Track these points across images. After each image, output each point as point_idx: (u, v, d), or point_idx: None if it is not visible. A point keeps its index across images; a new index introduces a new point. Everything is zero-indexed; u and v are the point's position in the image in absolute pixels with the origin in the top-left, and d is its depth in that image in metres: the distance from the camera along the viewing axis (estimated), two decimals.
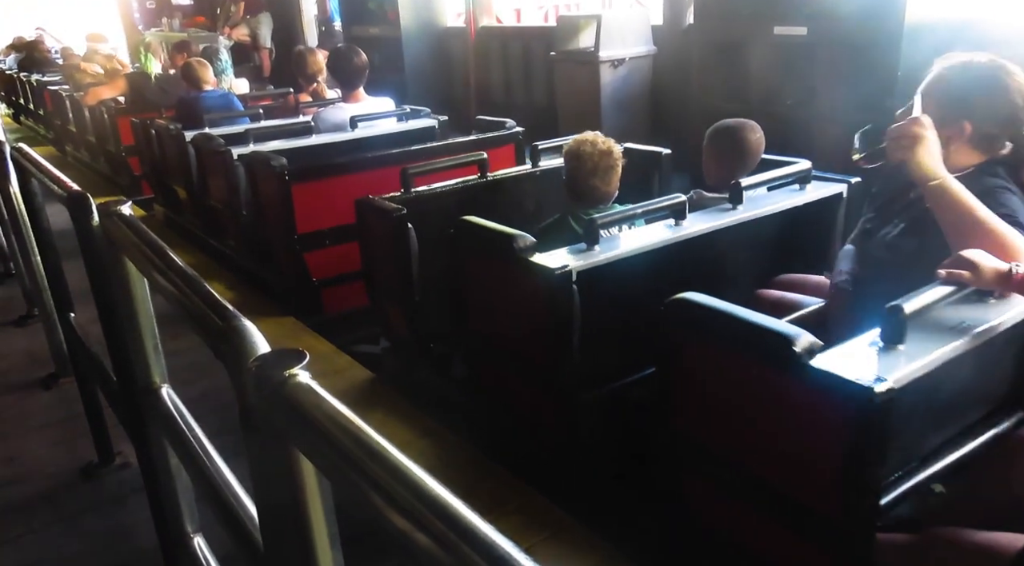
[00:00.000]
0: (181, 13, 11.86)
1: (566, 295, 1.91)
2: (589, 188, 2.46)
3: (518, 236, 2.00)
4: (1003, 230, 1.57)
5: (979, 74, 1.87)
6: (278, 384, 0.78)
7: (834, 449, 1.30)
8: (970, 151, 1.83)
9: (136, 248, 1.35)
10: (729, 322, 1.47)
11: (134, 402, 1.61)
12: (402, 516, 0.61)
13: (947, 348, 1.40)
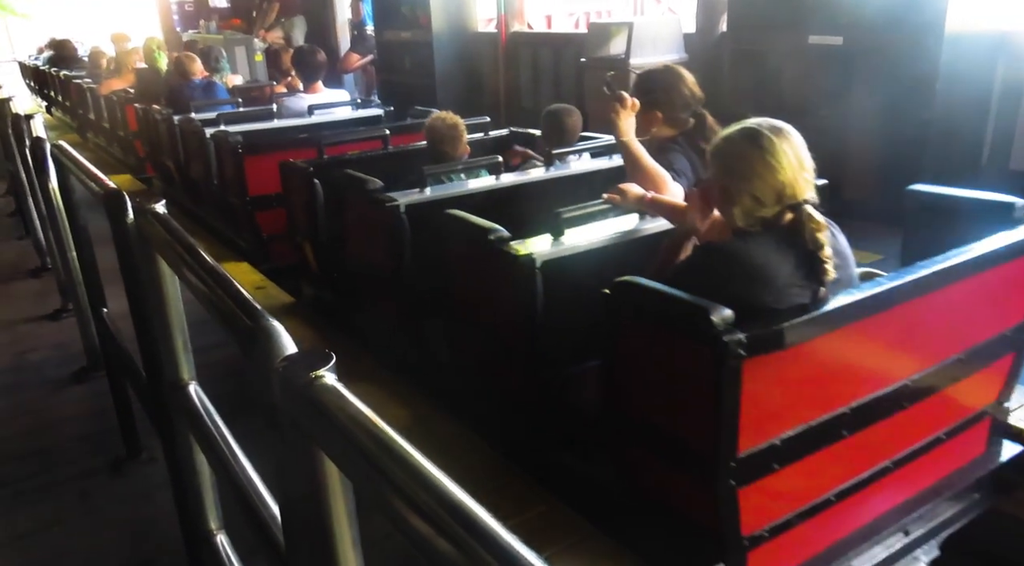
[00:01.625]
0: (218, 15, 12.07)
1: (531, 281, 2.15)
2: (440, 152, 3.23)
3: (492, 228, 2.25)
4: (659, 173, 2.40)
5: (660, 78, 2.69)
6: (304, 385, 0.78)
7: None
8: (667, 128, 2.66)
9: (168, 246, 1.37)
10: (653, 297, 1.72)
11: (162, 398, 1.64)
12: (423, 520, 0.61)
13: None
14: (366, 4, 9.14)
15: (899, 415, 1.97)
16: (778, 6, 4.67)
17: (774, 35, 4.70)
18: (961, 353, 2.07)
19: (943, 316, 2.00)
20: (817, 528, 1.97)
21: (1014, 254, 2.05)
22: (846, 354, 1.83)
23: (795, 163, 1.78)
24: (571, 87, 6.93)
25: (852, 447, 1.91)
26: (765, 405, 1.68)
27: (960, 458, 2.28)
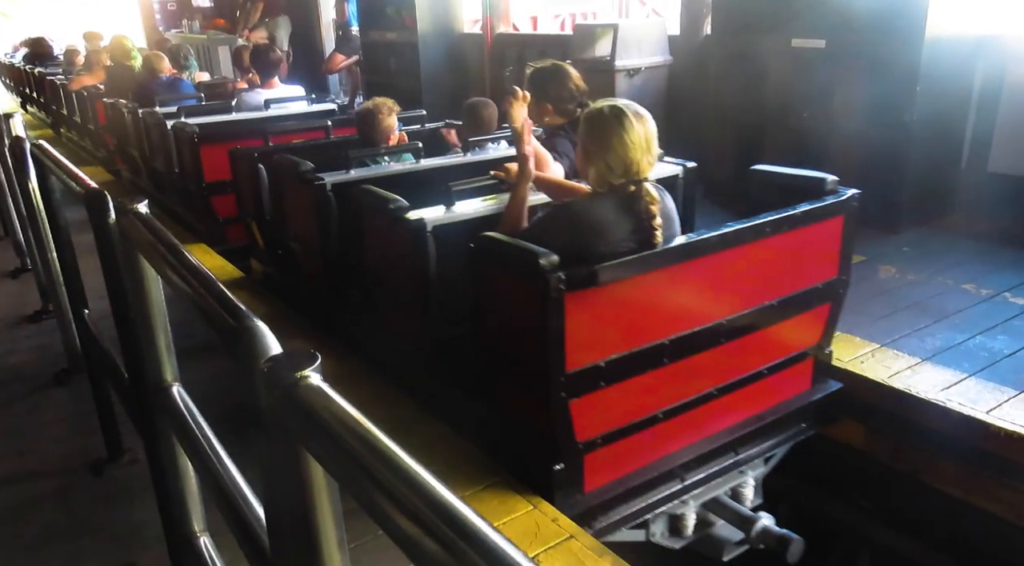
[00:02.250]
0: (201, 15, 11.98)
1: (423, 243, 2.50)
2: (367, 138, 3.60)
3: (392, 199, 2.61)
4: (542, 154, 2.70)
5: (550, 74, 3.02)
6: (289, 385, 0.78)
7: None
8: (557, 117, 3.02)
9: (151, 247, 1.35)
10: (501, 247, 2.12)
11: (145, 400, 1.62)
12: (410, 521, 0.61)
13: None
14: (351, 4, 9.10)
15: (719, 349, 2.38)
16: (761, 9, 4.70)
17: (758, 38, 4.73)
18: (774, 301, 2.48)
19: (753, 268, 2.43)
20: (648, 440, 2.38)
21: (815, 219, 2.53)
22: (660, 294, 2.24)
23: (644, 146, 2.14)
24: None
25: (675, 373, 2.31)
26: (588, 332, 2.08)
27: (786, 391, 2.72)
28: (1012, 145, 4.31)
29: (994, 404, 2.56)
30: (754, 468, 2.71)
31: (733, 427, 2.57)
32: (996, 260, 3.84)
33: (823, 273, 2.63)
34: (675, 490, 2.46)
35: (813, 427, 2.82)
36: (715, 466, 2.54)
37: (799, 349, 2.69)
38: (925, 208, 4.40)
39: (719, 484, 2.60)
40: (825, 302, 2.68)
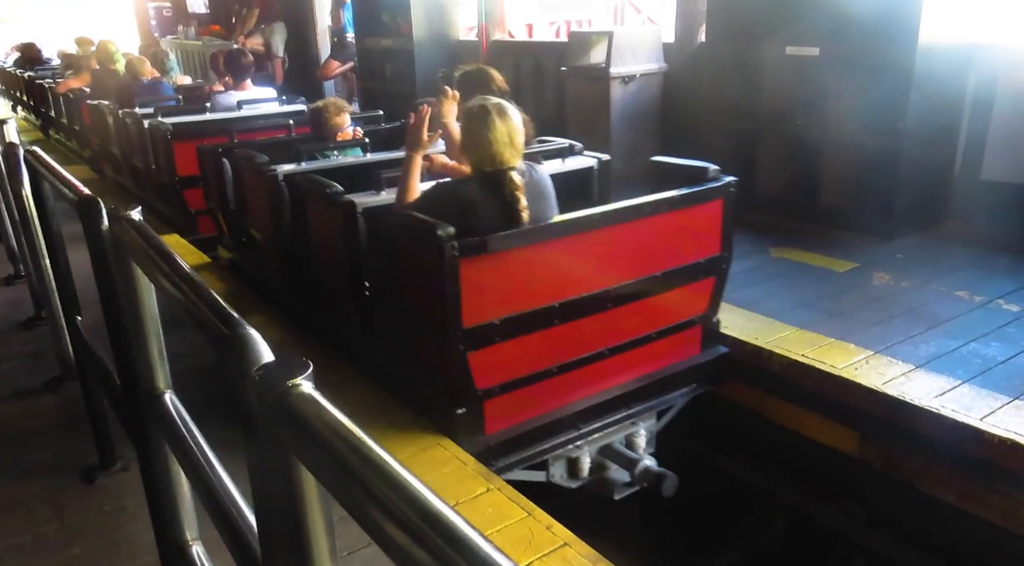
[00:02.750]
0: (197, 21, 11.97)
1: (354, 223, 2.81)
2: (319, 134, 3.95)
3: (327, 183, 2.93)
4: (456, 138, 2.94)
5: (475, 76, 3.32)
6: (281, 393, 0.77)
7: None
8: None
9: (144, 253, 1.35)
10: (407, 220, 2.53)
11: (137, 407, 1.61)
12: (400, 529, 0.61)
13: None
14: (346, 11, 9.11)
15: (607, 314, 2.71)
16: (756, 17, 4.72)
17: (752, 45, 4.75)
18: (658, 273, 2.83)
19: (637, 243, 2.77)
20: (545, 392, 2.71)
21: (694, 201, 2.88)
22: (548, 263, 2.58)
23: (507, 140, 2.48)
24: (552, 95, 6.95)
25: (565, 333, 2.65)
26: (482, 294, 2.42)
27: (676, 355, 3.07)
28: (1005, 152, 4.33)
29: (988, 411, 2.57)
30: (646, 420, 3.04)
31: (626, 384, 2.91)
32: (989, 267, 3.85)
33: (706, 250, 2.97)
34: (571, 437, 2.81)
35: (702, 387, 3.18)
36: (609, 418, 2.89)
37: (687, 317, 3.04)
38: (919, 215, 4.42)
39: (613, 433, 2.94)
40: (709, 276, 3.03)
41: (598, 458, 2.96)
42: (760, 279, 3.84)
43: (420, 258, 2.45)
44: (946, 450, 2.59)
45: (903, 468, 2.77)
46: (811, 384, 2.95)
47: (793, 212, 4.71)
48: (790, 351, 3.06)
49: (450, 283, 2.34)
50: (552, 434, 2.76)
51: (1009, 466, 2.41)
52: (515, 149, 2.51)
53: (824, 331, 3.21)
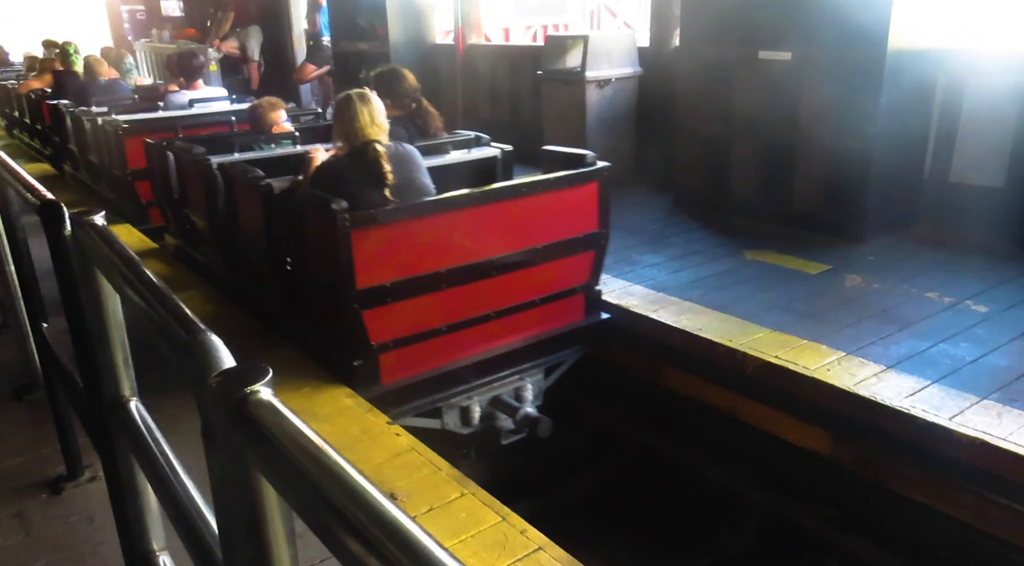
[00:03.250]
0: (171, 25, 11.84)
1: (269, 203, 3.15)
2: (256, 128, 4.26)
3: (251, 169, 3.27)
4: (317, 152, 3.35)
5: (389, 76, 3.80)
6: (238, 401, 0.76)
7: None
8: (396, 110, 3.60)
9: (107, 259, 1.32)
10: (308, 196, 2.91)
11: (102, 416, 1.58)
12: (358, 541, 0.60)
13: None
14: (323, 15, 9.06)
15: (492, 281, 3.08)
16: (729, 22, 4.77)
17: (725, 50, 4.80)
18: (539, 246, 3.18)
19: (518, 219, 3.14)
20: (436, 348, 3.06)
21: (570, 183, 3.27)
22: (434, 234, 2.93)
23: (368, 119, 2.98)
24: (529, 99, 6.97)
25: (452, 296, 3.00)
26: (373, 259, 2.78)
27: (562, 318, 3.42)
28: (973, 155, 4.41)
29: (956, 411, 2.61)
30: (534, 376, 3.39)
31: (513, 343, 3.25)
32: (958, 268, 3.92)
33: (585, 227, 3.34)
34: (462, 389, 3.15)
35: (586, 347, 3.54)
36: (497, 373, 3.24)
37: (570, 286, 3.40)
38: (890, 217, 4.48)
39: (501, 386, 3.28)
40: (589, 250, 3.40)
41: (488, 408, 3.29)
42: (734, 281, 3.87)
43: (319, 229, 2.81)
44: (917, 450, 2.62)
45: (875, 468, 2.80)
46: (784, 385, 2.98)
47: (767, 215, 4.76)
48: (764, 353, 3.08)
49: (343, 250, 2.70)
50: (445, 386, 3.11)
51: (977, 465, 2.45)
52: (377, 126, 3.00)
53: (797, 333, 3.24)
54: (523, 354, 3.29)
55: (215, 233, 3.75)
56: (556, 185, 3.23)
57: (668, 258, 4.26)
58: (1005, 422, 2.52)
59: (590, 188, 3.33)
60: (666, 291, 3.76)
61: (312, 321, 3.16)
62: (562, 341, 3.41)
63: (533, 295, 3.26)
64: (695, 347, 3.28)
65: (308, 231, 2.93)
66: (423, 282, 2.91)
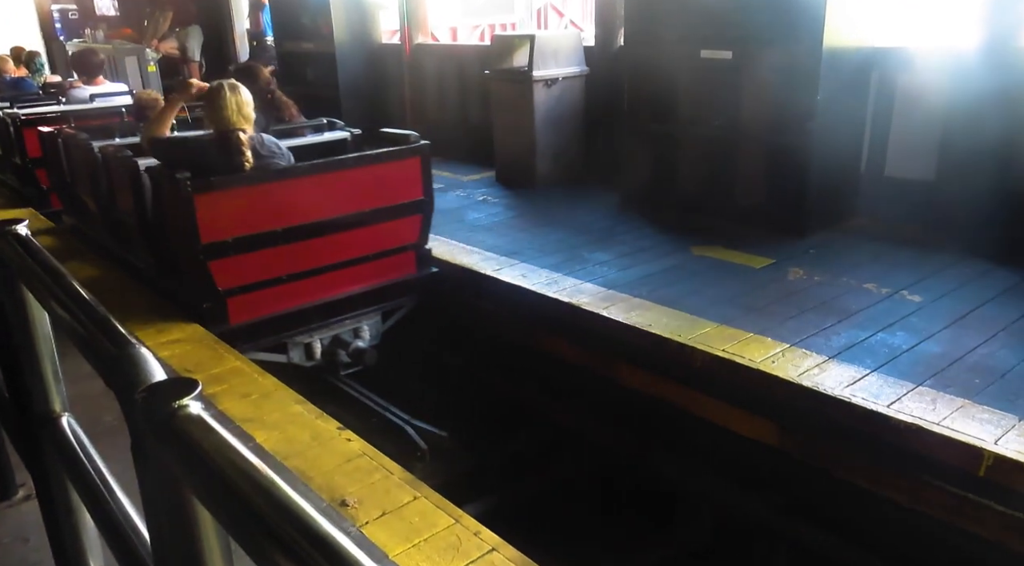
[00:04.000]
0: (106, 24, 11.45)
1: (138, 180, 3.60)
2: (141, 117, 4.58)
3: (122, 150, 3.78)
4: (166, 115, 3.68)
5: (247, 71, 4.28)
6: (167, 415, 0.73)
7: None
8: (257, 100, 3.63)
9: (31, 271, 1.27)
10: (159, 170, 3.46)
11: (32, 432, 1.52)
12: (289, 559, 0.58)
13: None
14: (266, 14, 8.88)
15: (327, 238, 3.64)
16: (671, 22, 4.83)
17: (668, 49, 4.87)
18: (367, 210, 3.74)
19: (348, 187, 3.67)
20: (279, 294, 3.60)
21: (394, 158, 3.87)
22: (270, 199, 3.47)
23: (235, 108, 3.36)
24: (477, 98, 6.95)
25: (290, 251, 3.55)
26: (214, 219, 3.30)
27: (395, 271, 3.99)
28: (905, 150, 4.57)
29: (894, 398, 2.70)
30: (371, 319, 3.98)
31: (351, 291, 3.82)
32: (894, 260, 4.05)
33: (411, 195, 3.93)
34: (304, 329, 3.72)
35: (417, 297, 4.13)
36: (337, 316, 3.82)
37: (400, 244, 3.99)
38: (829, 212, 4.61)
39: (341, 327, 3.84)
40: (417, 214, 3.98)
41: (329, 346, 3.85)
42: (682, 277, 3.93)
43: (170, 196, 3.34)
44: (858, 437, 2.70)
45: (820, 456, 2.88)
46: (731, 378, 3.04)
47: (712, 211, 4.84)
48: (711, 347, 3.14)
49: (187, 211, 3.24)
50: (289, 326, 3.68)
51: (914, 449, 2.54)
52: (242, 116, 3.38)
53: (743, 326, 3.30)
54: (360, 300, 3.88)
55: (99, 209, 4.18)
56: (381, 159, 3.84)
57: (617, 255, 4.30)
58: (939, 407, 2.62)
59: (414, 162, 3.90)
60: (616, 288, 3.79)
61: (175, 275, 3.65)
62: (396, 290, 4.03)
63: (367, 251, 3.83)
64: (645, 343, 3.32)
65: (163, 198, 3.46)
66: (262, 239, 3.47)
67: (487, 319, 4.21)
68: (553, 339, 3.84)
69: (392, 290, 3.99)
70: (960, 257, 3.99)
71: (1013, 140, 3.97)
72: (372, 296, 3.91)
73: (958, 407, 2.62)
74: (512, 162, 6.00)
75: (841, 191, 4.69)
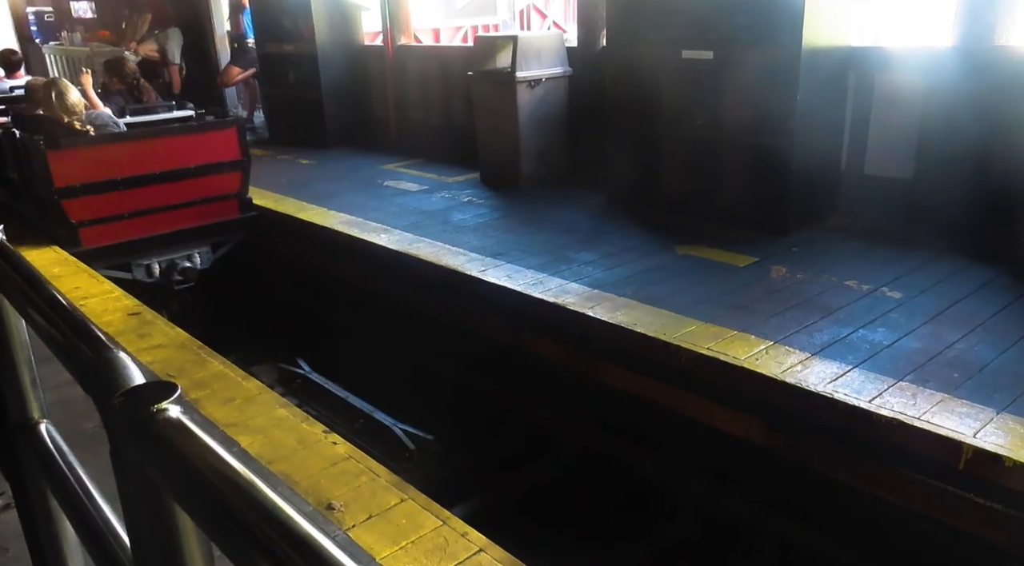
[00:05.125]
0: (83, 27, 11.31)
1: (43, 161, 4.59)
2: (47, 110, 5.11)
3: (8, 126, 5.01)
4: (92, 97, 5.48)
5: (116, 62, 6.62)
6: (145, 420, 0.72)
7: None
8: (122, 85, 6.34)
9: (7, 277, 1.25)
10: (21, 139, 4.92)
11: (9, 440, 1.49)
12: (272, 563, 0.57)
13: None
14: (246, 16, 8.82)
15: (161, 186, 4.91)
16: (652, 23, 4.86)
17: (649, 50, 4.89)
18: (191, 166, 5.01)
19: (176, 148, 5.00)
20: (123, 227, 4.87)
21: (214, 127, 5.24)
22: (111, 156, 4.79)
23: (53, 98, 4.65)
24: (460, 99, 6.95)
25: (129, 195, 4.84)
26: (66, 168, 4.57)
27: (221, 214, 5.28)
28: (884, 149, 4.62)
29: (876, 393, 2.72)
30: (202, 248, 5.27)
31: (185, 227, 5.11)
32: (874, 257, 4.09)
33: (230, 155, 5.22)
34: (145, 253, 5.00)
35: (240, 236, 5.46)
36: (173, 245, 5.10)
37: (224, 193, 5.25)
38: (810, 210, 4.65)
39: (176, 253, 5.11)
40: (236, 171, 5.27)
41: (166, 268, 5.09)
42: (666, 276, 3.95)
43: (34, 153, 4.62)
44: (841, 433, 2.72)
45: (804, 453, 2.90)
46: (716, 376, 3.05)
47: (695, 211, 4.87)
48: (696, 345, 3.15)
49: (42, 162, 4.55)
50: (132, 252, 4.95)
51: (895, 444, 2.56)
52: (73, 109, 4.67)
53: (728, 324, 3.33)
54: (191, 234, 5.16)
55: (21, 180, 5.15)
56: (200, 129, 5.21)
57: (602, 255, 4.31)
58: (919, 402, 2.65)
59: (231, 132, 5.24)
60: (601, 288, 3.80)
61: (42, 211, 4.83)
62: (220, 228, 5.33)
63: (194, 197, 5.10)
64: (630, 342, 3.33)
65: (31, 156, 4.69)
66: (105, 185, 4.76)
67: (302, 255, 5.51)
68: (538, 340, 3.84)
69: (217, 228, 5.28)
70: (938, 254, 4.04)
71: (990, 139, 4.03)
72: (200, 232, 5.19)
73: (938, 401, 2.65)
74: (497, 163, 6.00)
75: (822, 190, 4.73)
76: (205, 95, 10.25)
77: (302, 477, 2.35)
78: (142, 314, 3.74)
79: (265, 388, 2.99)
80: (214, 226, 5.23)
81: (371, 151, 7.50)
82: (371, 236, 4.81)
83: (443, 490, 3.05)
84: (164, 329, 3.55)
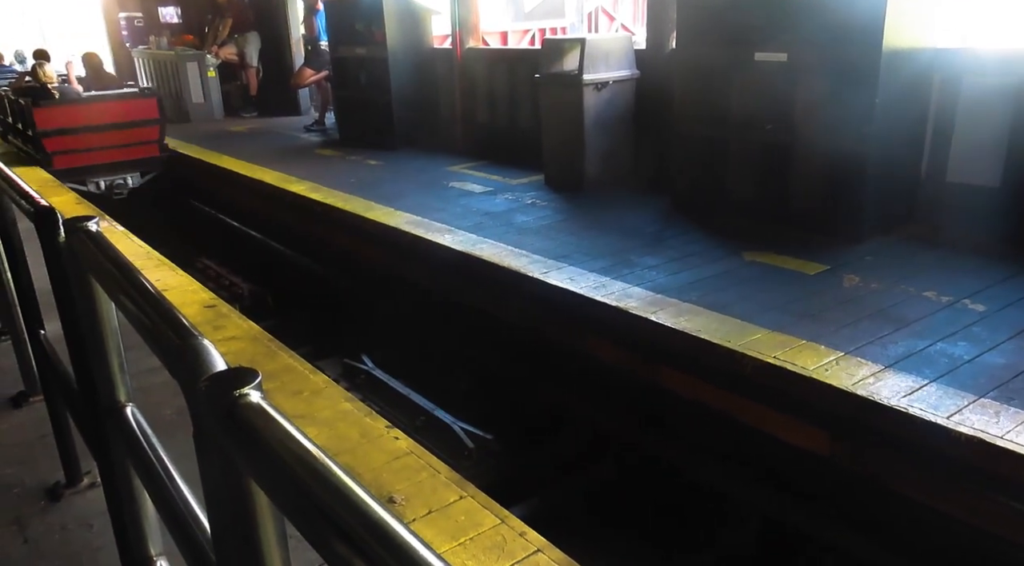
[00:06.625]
0: (169, 31, 11.85)
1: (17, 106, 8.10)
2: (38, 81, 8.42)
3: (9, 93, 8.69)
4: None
5: (86, 56, 9.96)
6: (228, 404, 0.76)
7: None
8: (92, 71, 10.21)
9: (100, 265, 1.33)
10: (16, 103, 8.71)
11: (98, 421, 1.58)
12: (346, 545, 0.60)
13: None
14: (320, 20, 9.08)
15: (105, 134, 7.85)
16: (724, 24, 4.77)
17: (721, 51, 4.80)
18: (124, 121, 7.94)
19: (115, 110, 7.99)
20: (80, 158, 7.76)
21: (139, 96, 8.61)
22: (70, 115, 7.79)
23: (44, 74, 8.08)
24: (526, 102, 6.98)
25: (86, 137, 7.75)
26: (46, 119, 7.58)
27: (144, 153, 8.15)
28: (969, 155, 4.42)
29: (954, 409, 2.61)
30: (132, 175, 8.16)
31: (122, 160, 7.99)
32: (955, 268, 3.92)
33: (150, 115, 8.05)
34: (95, 174, 7.92)
35: (158, 170, 8.26)
36: (112, 172, 8.03)
37: (146, 140, 8.03)
38: (887, 217, 4.48)
39: (114, 176, 8.04)
40: (155, 125, 8.04)
41: (108, 185, 7.95)
42: (733, 283, 3.87)
43: (27, 110, 7.49)
44: (914, 449, 2.62)
45: (872, 467, 2.80)
46: (782, 385, 2.98)
47: (764, 216, 4.76)
48: (762, 353, 3.08)
49: (30, 116, 7.45)
50: (88, 173, 7.78)
51: (975, 463, 2.45)
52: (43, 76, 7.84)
53: (795, 333, 3.24)
54: (126, 165, 8.00)
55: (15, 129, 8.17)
56: (129, 97, 8.38)
57: (666, 259, 4.26)
58: (1002, 420, 2.52)
59: (151, 100, 8.21)
60: (665, 293, 3.76)
61: (36, 148, 7.42)
62: (144, 163, 8.15)
63: (127, 141, 7.87)
64: (694, 348, 3.28)
65: (24, 113, 7.33)
66: (68, 130, 7.48)
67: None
68: (598, 342, 3.82)
69: (142, 162, 8.12)
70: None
71: None
72: (130, 164, 8.03)
73: (1022, 420, 2.52)
74: (561, 165, 6.00)
75: (900, 196, 4.56)
76: (280, 96, 10.65)
77: (365, 470, 2.41)
78: (217, 307, 3.90)
79: (331, 382, 3.07)
80: (141, 161, 8.12)
81: (437, 153, 7.61)
82: (435, 236, 4.87)
83: (501, 489, 3.07)
84: (237, 322, 3.69)
